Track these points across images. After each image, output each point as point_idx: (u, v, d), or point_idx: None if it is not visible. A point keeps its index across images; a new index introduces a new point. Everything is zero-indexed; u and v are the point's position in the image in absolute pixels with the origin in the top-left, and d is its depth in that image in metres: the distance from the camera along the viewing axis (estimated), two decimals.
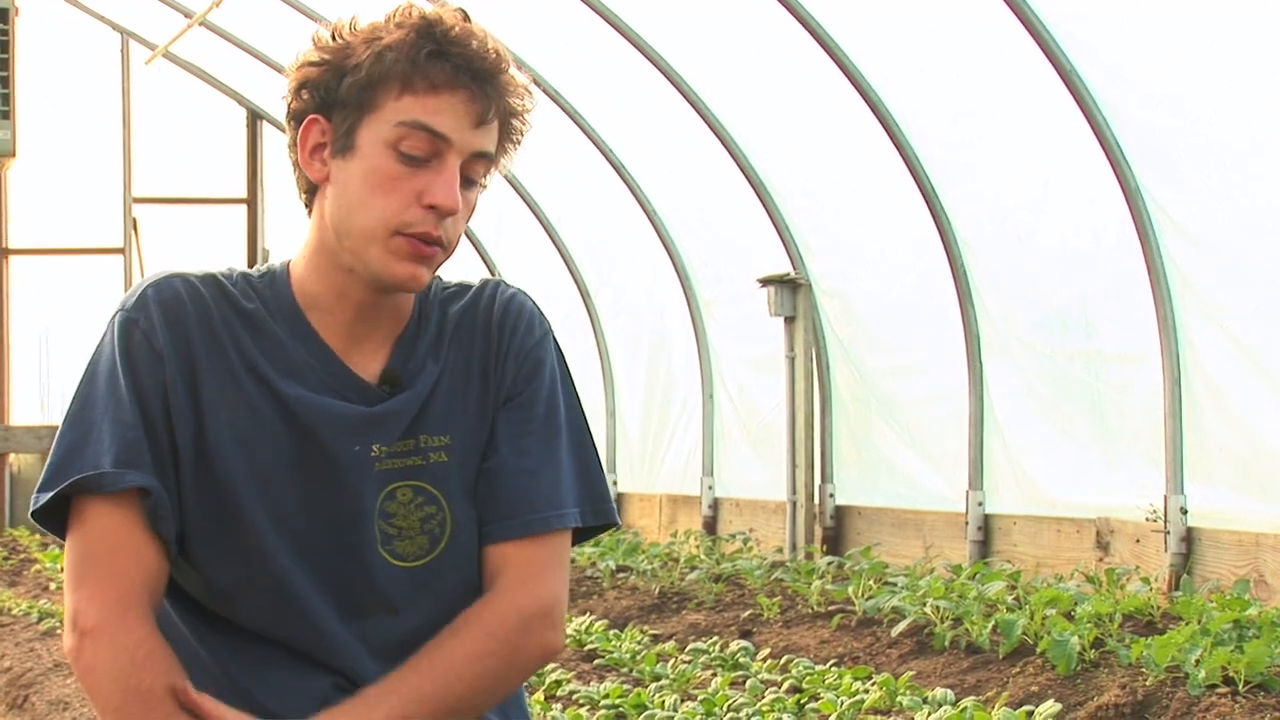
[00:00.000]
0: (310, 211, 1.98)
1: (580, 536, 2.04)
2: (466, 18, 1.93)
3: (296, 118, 1.95)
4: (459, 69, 1.88)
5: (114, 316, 1.94)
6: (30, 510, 1.93)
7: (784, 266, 7.85)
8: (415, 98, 1.88)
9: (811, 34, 6.70)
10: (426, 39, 1.88)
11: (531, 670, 1.98)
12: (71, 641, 1.89)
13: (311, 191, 1.97)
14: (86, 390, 1.92)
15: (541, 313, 2.06)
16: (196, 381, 1.92)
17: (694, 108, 7.76)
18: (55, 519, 1.93)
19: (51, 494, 1.89)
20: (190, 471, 1.92)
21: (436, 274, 2.01)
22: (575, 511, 2.01)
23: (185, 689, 1.86)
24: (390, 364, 1.98)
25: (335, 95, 1.90)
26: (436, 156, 1.89)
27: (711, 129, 7.78)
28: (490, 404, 2.01)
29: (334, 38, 1.92)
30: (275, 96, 11.08)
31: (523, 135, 1.97)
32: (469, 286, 2.06)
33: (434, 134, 1.88)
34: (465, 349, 2.01)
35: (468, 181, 1.94)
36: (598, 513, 2.04)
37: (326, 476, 1.94)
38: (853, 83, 6.76)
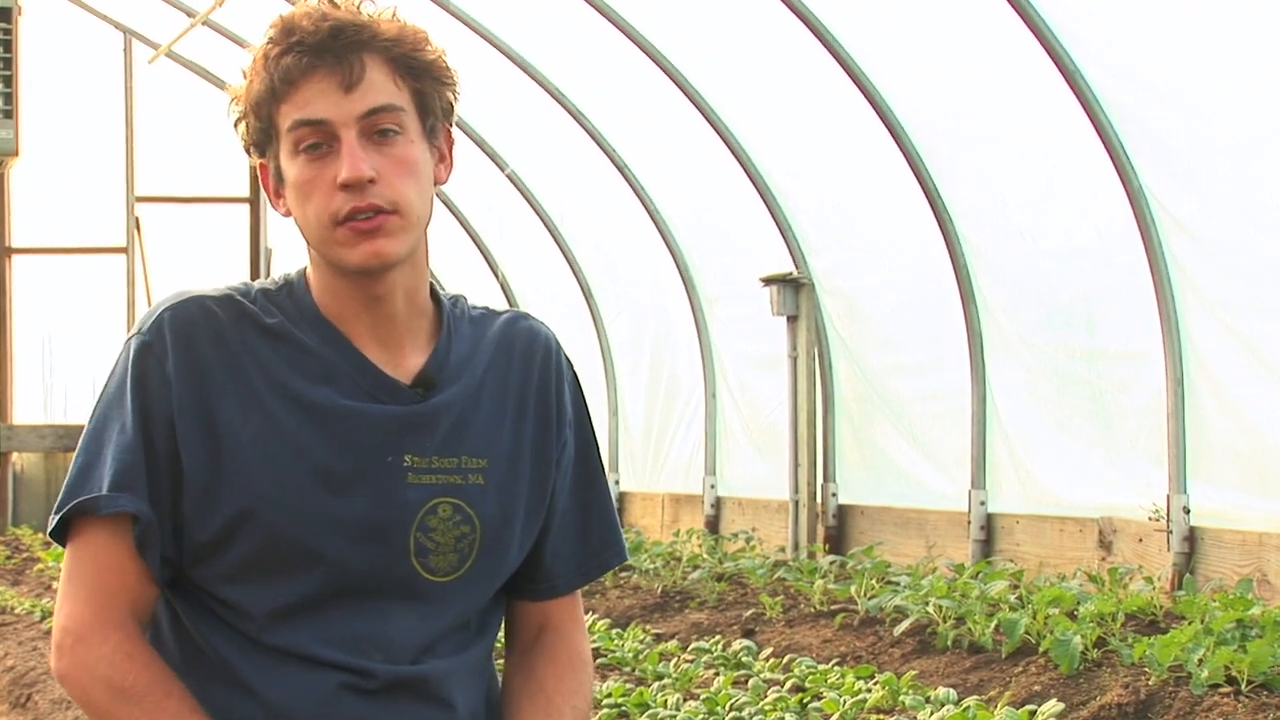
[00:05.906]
0: None
1: None
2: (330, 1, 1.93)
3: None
4: (301, 54, 1.90)
5: (130, 339, 1.95)
6: (48, 530, 1.97)
7: (786, 265, 7.84)
8: (288, 103, 1.92)
9: (814, 33, 6.70)
10: (274, 45, 1.92)
11: None
12: (54, 660, 1.93)
13: None
14: (101, 411, 1.95)
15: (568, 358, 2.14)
16: (211, 406, 1.92)
17: (696, 106, 7.75)
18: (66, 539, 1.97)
19: (58, 517, 1.93)
20: (200, 495, 1.91)
21: (463, 295, 2.07)
22: (623, 548, 2.20)
23: None
24: (425, 368, 1.99)
25: (255, 140, 1.98)
26: (332, 141, 1.91)
27: (714, 128, 7.78)
28: (524, 440, 2.04)
29: (241, 78, 1.98)
30: None
31: (438, 65, 1.95)
32: (496, 313, 2.10)
33: (312, 124, 1.90)
34: (501, 377, 2.04)
35: (384, 137, 1.92)
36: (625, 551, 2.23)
37: (358, 484, 1.94)
38: (855, 82, 6.76)
